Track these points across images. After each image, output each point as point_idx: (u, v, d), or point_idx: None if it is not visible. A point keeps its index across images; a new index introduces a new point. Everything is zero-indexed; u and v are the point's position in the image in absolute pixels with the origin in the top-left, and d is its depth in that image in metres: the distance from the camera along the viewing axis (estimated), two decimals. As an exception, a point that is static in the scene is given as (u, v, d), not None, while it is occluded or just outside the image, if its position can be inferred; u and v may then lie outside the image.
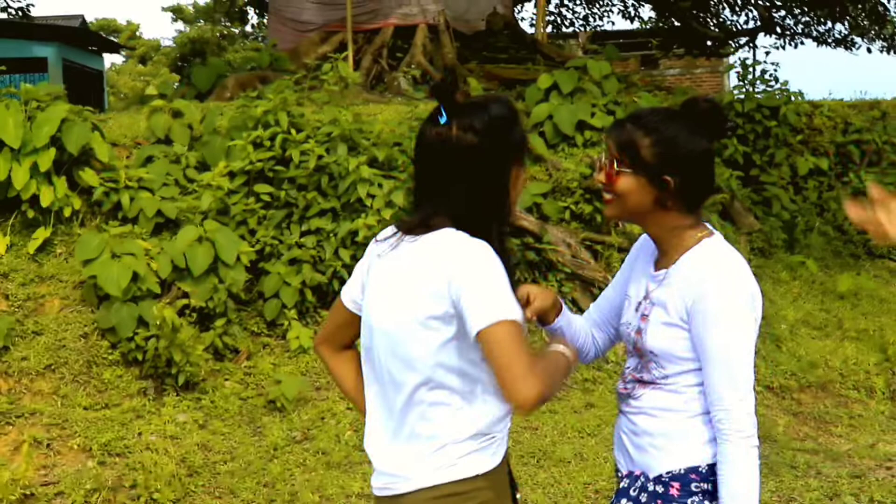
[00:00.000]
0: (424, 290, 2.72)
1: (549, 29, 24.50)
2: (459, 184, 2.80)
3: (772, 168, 11.50)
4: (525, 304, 3.07)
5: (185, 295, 8.15)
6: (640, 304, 3.11)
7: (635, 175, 2.97)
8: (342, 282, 8.36)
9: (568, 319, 3.27)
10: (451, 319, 2.70)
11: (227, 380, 8.05)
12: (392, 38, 15.92)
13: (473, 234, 2.77)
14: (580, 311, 9.72)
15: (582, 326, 3.36)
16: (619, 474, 3.16)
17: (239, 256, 8.34)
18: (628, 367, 3.18)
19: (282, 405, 7.78)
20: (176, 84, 14.99)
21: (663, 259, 3.10)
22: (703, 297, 2.89)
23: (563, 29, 27.05)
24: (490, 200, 2.81)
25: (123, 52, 43.84)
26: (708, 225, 3.09)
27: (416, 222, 2.84)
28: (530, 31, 19.07)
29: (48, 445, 7.04)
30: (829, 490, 6.87)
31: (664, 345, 2.98)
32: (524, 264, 9.46)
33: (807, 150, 12.14)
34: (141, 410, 7.50)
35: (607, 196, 3.07)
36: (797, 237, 11.24)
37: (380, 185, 8.86)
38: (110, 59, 59.50)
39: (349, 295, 3.02)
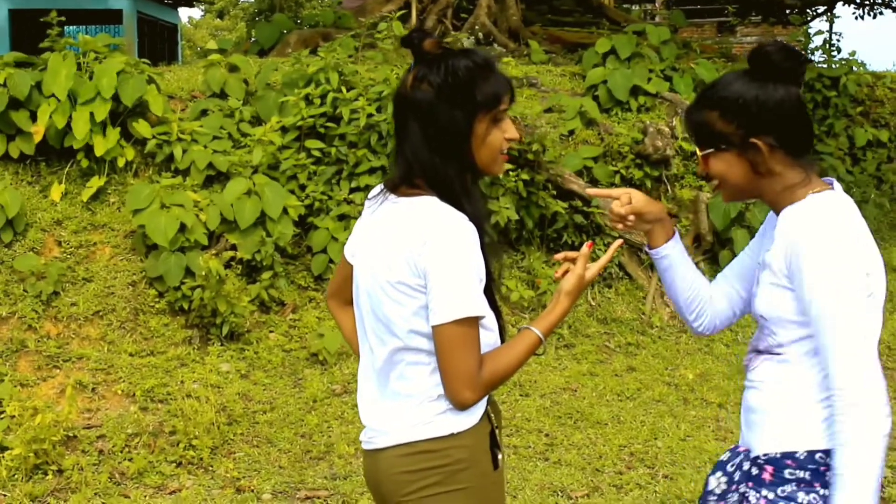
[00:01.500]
0: (399, 257, 2.72)
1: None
2: (420, 137, 2.77)
3: (829, 138, 11.36)
4: (625, 203, 3.02)
5: (233, 247, 8.27)
6: (756, 270, 2.94)
7: (721, 153, 2.79)
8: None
9: (680, 255, 3.10)
10: (423, 289, 2.71)
11: (271, 332, 8.18)
12: (457, -1, 15.90)
13: (447, 195, 2.75)
14: (627, 276, 9.73)
15: (696, 280, 3.13)
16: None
17: (287, 210, 8.44)
18: (753, 337, 2.96)
19: (324, 359, 7.89)
20: (252, 40, 14.99)
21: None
22: (800, 255, 2.64)
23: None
24: (448, 156, 2.76)
25: (201, 7, 44.03)
26: (830, 180, 2.84)
27: (397, 180, 2.83)
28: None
29: (93, 389, 7.22)
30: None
31: (771, 307, 2.77)
32: (572, 227, 9.47)
33: (867, 122, 12.01)
34: (185, 359, 7.65)
35: (714, 183, 2.91)
36: (852, 209, 11.12)
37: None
38: (187, 13, 60.13)
39: (349, 250, 3.04)
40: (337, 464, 6.49)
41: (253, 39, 14.95)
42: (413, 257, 2.69)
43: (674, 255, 3.09)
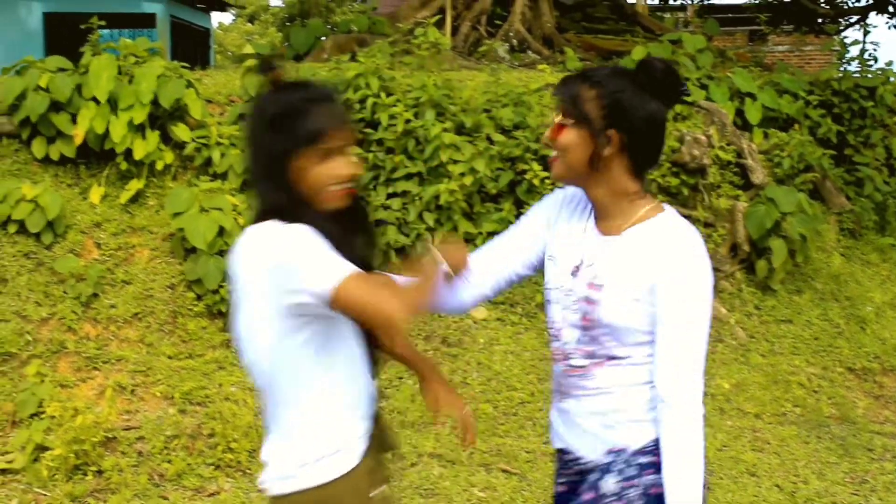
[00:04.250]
0: (251, 288, 2.71)
1: (656, 0, 24.20)
2: (249, 165, 2.85)
3: (866, 149, 11.27)
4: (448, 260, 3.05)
5: (272, 251, 8.29)
6: (577, 269, 2.96)
7: (578, 128, 2.84)
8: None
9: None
10: (277, 316, 2.70)
11: (308, 336, 8.19)
12: (492, 6, 15.83)
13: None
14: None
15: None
16: (571, 458, 3.07)
17: (324, 216, 8.46)
18: (567, 343, 2.99)
19: (359, 363, 7.88)
20: (287, 45, 15.02)
21: (606, 224, 2.96)
22: (672, 273, 2.78)
23: (671, 1, 26.62)
24: (274, 185, 2.77)
25: (232, 11, 44.25)
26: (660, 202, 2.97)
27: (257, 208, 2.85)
28: (632, 1, 18.83)
29: (132, 391, 7.25)
30: (903, 474, 6.82)
31: (625, 319, 2.84)
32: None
33: (904, 132, 11.94)
34: (223, 362, 7.67)
35: (552, 155, 2.94)
36: (889, 219, 11.03)
37: (459, 149, 8.90)
38: (219, 18, 60.40)
39: None
40: (374, 468, 6.50)
41: (288, 44, 14.99)
42: (263, 280, 2.69)
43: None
